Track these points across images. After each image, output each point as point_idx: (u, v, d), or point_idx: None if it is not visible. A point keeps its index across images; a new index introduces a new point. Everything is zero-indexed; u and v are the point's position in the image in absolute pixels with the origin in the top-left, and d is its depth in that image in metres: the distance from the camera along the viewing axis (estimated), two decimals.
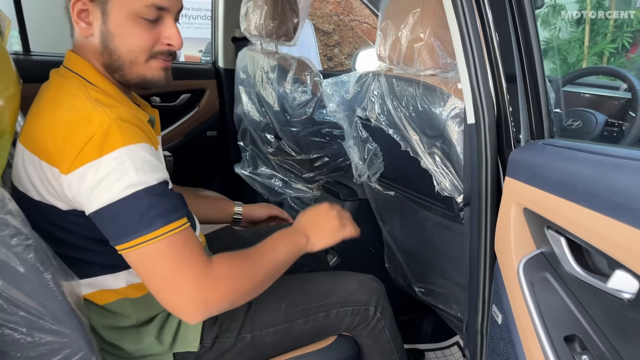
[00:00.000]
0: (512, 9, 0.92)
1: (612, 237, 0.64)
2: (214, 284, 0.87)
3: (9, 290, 0.78)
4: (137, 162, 0.82)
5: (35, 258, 0.80)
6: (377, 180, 1.59)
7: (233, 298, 0.90)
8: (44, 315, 0.82)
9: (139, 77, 0.96)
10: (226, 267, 0.90)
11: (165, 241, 0.84)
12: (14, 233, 0.78)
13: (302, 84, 1.81)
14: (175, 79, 2.39)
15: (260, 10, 1.90)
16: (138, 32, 0.93)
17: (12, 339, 0.80)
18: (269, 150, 2.05)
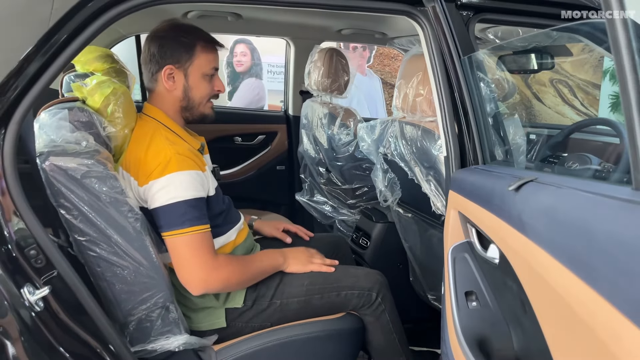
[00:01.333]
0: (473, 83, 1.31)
1: (485, 220, 1.02)
2: (214, 271, 1.35)
3: (124, 245, 1.28)
4: (182, 182, 1.32)
5: (141, 227, 1.30)
6: (398, 204, 1.98)
7: (225, 285, 1.40)
8: (142, 264, 1.30)
9: (202, 113, 1.52)
10: (225, 262, 1.38)
11: (189, 237, 1.32)
12: (129, 209, 1.28)
13: (347, 127, 2.28)
14: (253, 123, 2.97)
15: (319, 70, 2.40)
16: (205, 85, 1.49)
17: (122, 275, 1.29)
18: (322, 181, 2.52)
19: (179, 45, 1.44)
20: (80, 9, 1.11)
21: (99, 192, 1.23)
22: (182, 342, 1.37)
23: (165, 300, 1.35)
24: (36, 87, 1.10)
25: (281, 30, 2.76)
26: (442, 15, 1.29)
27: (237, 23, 2.46)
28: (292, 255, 1.57)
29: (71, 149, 1.24)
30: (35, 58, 1.08)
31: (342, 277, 1.58)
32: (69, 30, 1.11)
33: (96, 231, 1.24)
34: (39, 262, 1.10)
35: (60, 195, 1.20)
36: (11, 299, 1.02)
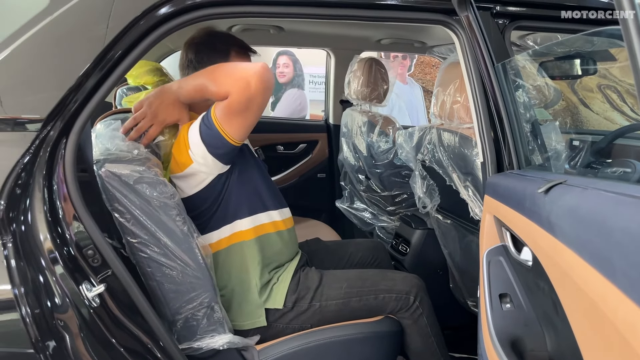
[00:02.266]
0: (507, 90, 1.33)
1: (518, 223, 1.05)
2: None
3: (172, 247, 1.35)
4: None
5: (188, 230, 1.37)
6: (437, 211, 2.00)
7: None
8: (189, 265, 1.38)
9: None
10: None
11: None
12: (177, 213, 1.36)
13: (386, 135, 2.31)
14: (295, 132, 3.05)
15: (358, 79, 2.45)
16: None
17: (171, 276, 1.37)
18: (361, 188, 2.56)
19: (215, 52, 1.53)
20: (132, 27, 1.20)
21: (149, 196, 1.31)
22: (227, 341, 1.43)
23: (210, 300, 1.42)
24: (93, 100, 1.19)
25: (321, 41, 2.83)
26: (475, 24, 1.32)
27: (279, 35, 2.54)
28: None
29: (124, 156, 1.33)
30: (93, 73, 1.17)
31: (380, 281, 1.61)
32: (122, 47, 1.20)
33: (147, 234, 1.32)
34: (95, 262, 1.19)
35: (115, 200, 1.29)
36: (71, 295, 1.11)
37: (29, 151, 1.10)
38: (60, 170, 1.15)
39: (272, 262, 1.58)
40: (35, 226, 1.10)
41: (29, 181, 1.09)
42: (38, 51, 1.15)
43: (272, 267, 1.58)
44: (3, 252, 1.04)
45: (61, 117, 1.14)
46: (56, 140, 1.14)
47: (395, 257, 2.28)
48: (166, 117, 1.44)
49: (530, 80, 1.44)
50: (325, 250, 1.91)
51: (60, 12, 1.18)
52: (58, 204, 1.14)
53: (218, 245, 1.53)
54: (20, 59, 1.14)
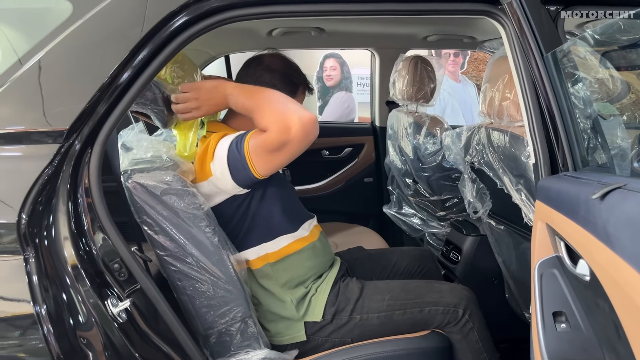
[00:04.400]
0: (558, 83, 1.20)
1: (571, 233, 0.92)
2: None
3: (203, 259, 1.31)
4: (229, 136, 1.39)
5: (219, 241, 1.32)
6: (489, 216, 1.87)
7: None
8: (221, 278, 1.33)
9: None
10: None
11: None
12: (207, 225, 1.31)
13: (433, 136, 2.19)
14: (340, 136, 2.98)
15: (403, 78, 2.35)
16: None
17: (202, 290, 1.32)
18: (409, 193, 2.44)
19: (288, 83, 1.54)
20: (156, 32, 1.17)
21: (177, 208, 1.27)
22: (262, 356, 1.37)
23: (243, 315, 1.37)
24: (118, 108, 1.15)
25: (365, 41, 2.74)
26: (521, 12, 1.20)
27: (320, 37, 2.48)
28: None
29: (152, 164, 1.30)
30: (118, 80, 1.14)
31: (426, 292, 1.50)
32: (147, 53, 1.16)
33: (176, 246, 1.28)
34: (122, 276, 1.16)
35: (143, 212, 1.26)
36: (96, 311, 1.08)
37: (52, 163, 1.08)
38: (85, 182, 1.12)
39: (306, 276, 1.51)
40: (59, 240, 1.07)
41: (53, 194, 1.07)
42: (62, 60, 1.13)
43: (308, 281, 1.50)
44: (25, 267, 1.02)
45: (85, 127, 1.12)
46: (80, 151, 1.11)
47: (446, 266, 2.16)
48: (207, 112, 1.41)
49: (591, 72, 1.29)
50: (368, 259, 1.81)
51: (83, 21, 1.15)
52: (83, 217, 1.11)
53: (250, 265, 1.49)
54: (44, 69, 1.12)
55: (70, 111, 1.11)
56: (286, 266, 1.49)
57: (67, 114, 1.11)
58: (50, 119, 1.11)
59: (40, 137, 1.10)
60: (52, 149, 1.08)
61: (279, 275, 1.47)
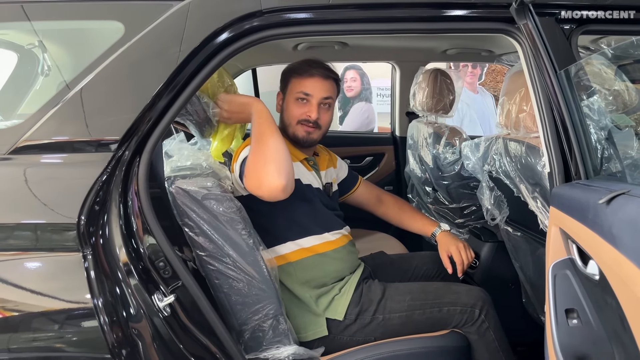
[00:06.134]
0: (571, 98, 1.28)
1: (582, 235, 1.01)
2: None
3: (239, 259, 1.41)
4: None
5: (253, 243, 1.43)
6: (506, 223, 1.94)
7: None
8: (255, 278, 1.43)
9: (293, 134, 1.67)
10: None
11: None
12: (243, 227, 1.41)
13: (452, 146, 2.28)
14: (361, 145, 3.08)
15: (423, 90, 2.44)
16: (294, 108, 1.65)
17: (237, 288, 1.42)
18: (429, 201, 2.53)
19: (283, 77, 1.69)
20: (200, 49, 1.28)
21: (216, 212, 1.38)
22: (292, 352, 1.46)
23: (275, 312, 1.46)
24: (164, 120, 1.27)
25: (386, 55, 2.84)
26: (535, 32, 1.29)
27: (343, 51, 2.58)
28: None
29: (192, 171, 1.41)
30: (164, 95, 1.25)
31: (444, 293, 1.59)
32: (191, 69, 1.28)
33: (215, 247, 1.39)
34: (166, 273, 1.26)
35: (185, 215, 1.37)
36: (144, 305, 1.19)
37: (106, 170, 1.19)
38: (134, 187, 1.24)
39: (326, 279, 1.61)
40: (112, 240, 1.18)
41: (106, 198, 1.18)
42: (115, 78, 1.25)
43: (330, 281, 1.61)
44: (84, 264, 1.13)
45: (135, 137, 1.23)
46: (130, 159, 1.23)
47: (464, 271, 2.23)
48: (235, 122, 1.61)
49: (606, 84, 1.37)
50: (390, 264, 1.90)
51: (134, 40, 1.27)
52: (132, 219, 1.22)
53: (276, 261, 1.59)
54: (101, 84, 1.24)
55: (122, 123, 1.22)
56: (306, 266, 1.60)
57: (119, 126, 1.22)
58: (104, 131, 1.23)
59: (97, 146, 1.22)
60: (107, 157, 1.20)
61: (299, 274, 1.58)
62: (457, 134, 2.32)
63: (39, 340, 1.11)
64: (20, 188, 1.16)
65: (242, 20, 1.29)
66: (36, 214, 1.15)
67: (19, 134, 1.19)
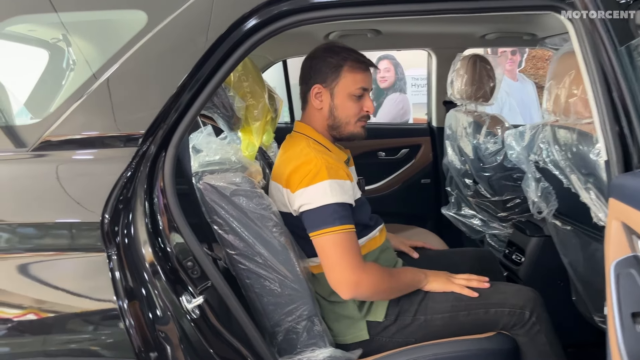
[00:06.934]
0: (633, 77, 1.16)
1: None
2: (365, 275, 1.35)
3: (270, 258, 1.34)
4: (333, 189, 1.35)
5: (285, 241, 1.35)
6: (554, 216, 1.82)
7: (374, 290, 1.39)
8: (287, 277, 1.36)
9: (350, 132, 1.53)
10: (375, 269, 1.38)
11: (338, 235, 1.34)
12: (274, 224, 1.34)
13: (494, 135, 2.16)
14: (397, 137, 2.97)
15: (462, 78, 2.32)
16: (352, 105, 1.50)
17: (270, 288, 1.35)
18: (469, 194, 2.41)
19: (326, 66, 1.51)
20: (227, 37, 1.21)
21: (246, 208, 1.31)
22: (327, 354, 1.39)
23: (309, 313, 1.39)
24: (190, 113, 1.20)
25: (422, 41, 2.73)
26: (592, 4, 1.17)
27: (376, 39, 2.49)
28: (433, 273, 1.53)
29: (221, 166, 1.35)
30: (189, 87, 1.19)
31: (491, 294, 1.48)
32: (217, 58, 1.21)
33: (245, 246, 1.32)
34: (194, 273, 1.20)
35: (213, 212, 1.31)
36: (172, 306, 1.13)
37: (130, 166, 1.13)
38: (160, 184, 1.18)
39: None
40: (138, 239, 1.13)
41: (131, 195, 1.13)
42: (137, 69, 1.19)
43: None
44: (108, 264, 1.08)
45: (160, 131, 1.17)
46: (156, 154, 1.17)
47: (508, 267, 2.12)
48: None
49: None
50: (429, 260, 1.80)
51: (158, 29, 1.21)
52: (158, 217, 1.17)
53: (313, 269, 1.51)
54: (123, 77, 1.18)
55: (146, 117, 1.16)
56: None
57: (143, 120, 1.16)
58: (128, 125, 1.17)
59: (120, 141, 1.16)
60: (131, 152, 1.14)
61: None
62: (499, 123, 2.19)
63: (61, 344, 1.07)
64: (42, 186, 1.12)
65: (270, 4, 1.21)
66: (59, 212, 1.11)
67: (42, 131, 1.14)
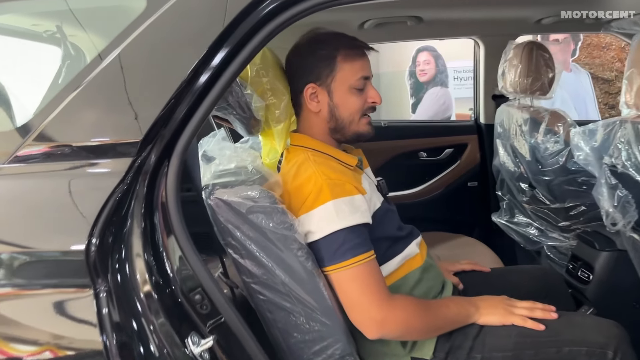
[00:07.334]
0: None
1: None
2: (392, 311, 1.12)
3: (295, 287, 1.12)
4: (338, 212, 1.13)
5: (312, 266, 1.13)
6: (633, 229, 1.54)
7: (405, 329, 1.15)
8: (316, 310, 1.13)
9: (356, 132, 1.31)
10: (405, 303, 1.15)
11: (353, 269, 1.12)
12: (299, 247, 1.12)
13: (554, 134, 1.88)
14: (440, 135, 2.72)
15: (515, 68, 2.05)
16: (354, 100, 1.28)
17: (295, 323, 1.14)
18: (524, 199, 2.13)
19: (317, 59, 1.28)
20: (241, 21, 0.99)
21: (265, 228, 1.09)
22: None
23: (343, 352, 1.17)
24: (198, 113, 1.00)
25: (468, 29, 2.47)
26: None
27: (418, 27, 2.25)
28: (487, 304, 1.27)
29: (236, 176, 1.14)
30: (196, 81, 0.98)
31: (563, 328, 1.23)
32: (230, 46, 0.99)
33: (265, 272, 1.11)
34: (204, 308, 1.00)
35: (227, 233, 1.10)
36: (175, 351, 0.92)
37: (124, 181, 0.93)
38: (162, 201, 0.97)
39: None
40: (133, 270, 0.92)
41: (125, 216, 0.93)
42: (132, 63, 0.99)
43: None
44: (94, 301, 0.87)
45: (160, 138, 0.97)
46: (156, 165, 0.97)
47: (573, 286, 1.84)
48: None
49: None
50: (482, 281, 1.55)
51: (159, 14, 1.01)
52: (159, 242, 0.96)
53: None
54: (112, 74, 0.98)
55: (144, 120, 0.96)
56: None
57: (139, 123, 0.96)
58: (121, 130, 0.97)
59: (110, 150, 0.96)
60: (124, 164, 0.94)
61: None
62: (560, 119, 1.91)
63: None
64: (14, 207, 0.92)
65: None
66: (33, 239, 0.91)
67: (17, 141, 0.95)
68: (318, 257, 1.16)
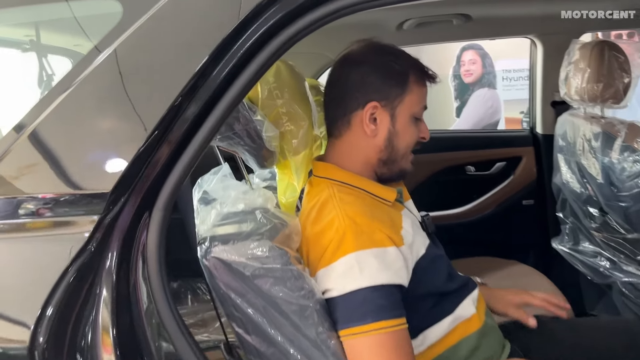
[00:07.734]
0: None
1: None
2: None
3: None
4: (363, 268, 0.89)
5: (337, 345, 0.88)
6: None
7: None
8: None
9: (401, 169, 1.08)
10: None
11: (374, 338, 0.87)
12: (320, 320, 0.87)
13: (633, 152, 1.58)
14: (490, 147, 2.43)
15: (582, 73, 1.75)
16: (413, 130, 1.06)
17: None
18: (593, 226, 1.83)
19: (389, 75, 1.03)
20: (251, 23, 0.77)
21: (276, 296, 0.85)
22: None
23: None
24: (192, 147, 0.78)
25: (524, 27, 2.18)
26: None
27: (465, 26, 1.99)
28: None
29: (240, 227, 0.90)
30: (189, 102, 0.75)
31: None
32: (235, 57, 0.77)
33: (276, 352, 0.87)
34: None
35: (228, 302, 0.86)
36: None
37: (88, 246, 0.71)
38: (138, 273, 0.75)
39: None
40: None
41: (88, 300, 0.70)
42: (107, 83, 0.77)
43: None
44: None
45: (139, 183, 0.74)
46: (132, 221, 0.75)
47: None
48: None
49: None
50: (548, 336, 1.27)
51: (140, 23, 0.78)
52: (137, 331, 0.74)
53: None
54: (79, 101, 0.76)
55: (115, 161, 0.75)
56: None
57: (109, 167, 0.75)
58: (84, 178, 0.75)
59: (70, 205, 0.74)
60: (86, 225, 0.72)
61: None
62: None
63: None
64: None
65: None
66: None
67: None
68: (334, 316, 0.92)
